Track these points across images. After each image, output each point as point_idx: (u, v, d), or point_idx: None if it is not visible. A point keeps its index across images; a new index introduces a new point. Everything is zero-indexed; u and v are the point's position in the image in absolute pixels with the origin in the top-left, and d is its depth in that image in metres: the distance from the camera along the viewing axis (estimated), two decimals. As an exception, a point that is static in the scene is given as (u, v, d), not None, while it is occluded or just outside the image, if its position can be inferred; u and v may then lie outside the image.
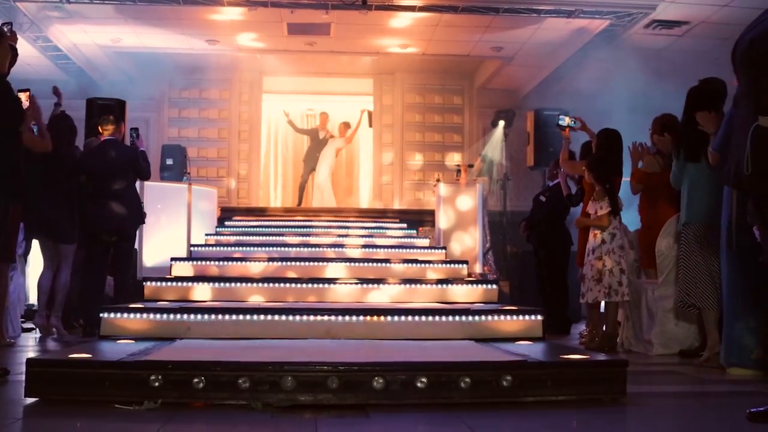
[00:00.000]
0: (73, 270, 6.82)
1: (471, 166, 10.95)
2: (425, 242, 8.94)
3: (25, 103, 4.80)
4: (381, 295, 6.30)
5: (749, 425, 2.95)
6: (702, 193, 4.94)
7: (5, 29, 4.42)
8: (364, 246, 8.17)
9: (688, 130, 4.95)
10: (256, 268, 7.07)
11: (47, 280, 6.67)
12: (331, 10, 10.02)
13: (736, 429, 2.98)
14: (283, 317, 4.87)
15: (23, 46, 10.16)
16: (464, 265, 7.46)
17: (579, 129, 7.08)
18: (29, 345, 6.09)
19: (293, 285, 6.27)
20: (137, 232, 7.17)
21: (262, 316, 4.86)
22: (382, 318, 4.91)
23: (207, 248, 8.10)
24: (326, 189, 12.40)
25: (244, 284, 6.31)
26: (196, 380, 3.21)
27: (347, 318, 4.87)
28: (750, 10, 8.52)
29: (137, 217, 6.80)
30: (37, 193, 6.27)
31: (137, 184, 7.03)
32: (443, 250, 8.18)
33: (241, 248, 7.98)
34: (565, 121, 7.13)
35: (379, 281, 6.44)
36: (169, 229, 8.67)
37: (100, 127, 6.83)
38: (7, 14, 9.64)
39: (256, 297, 6.18)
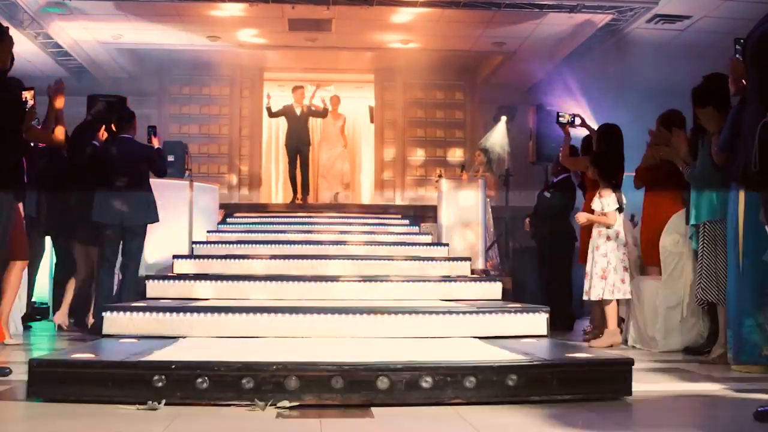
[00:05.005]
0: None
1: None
2: (427, 239, 8.91)
3: (30, 102, 4.77)
4: (384, 292, 6.28)
5: (756, 425, 2.93)
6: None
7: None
8: (367, 243, 8.14)
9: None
10: (258, 265, 7.03)
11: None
12: (332, 6, 9.99)
13: (743, 428, 2.96)
14: (287, 315, 4.85)
15: (24, 44, 10.14)
16: (467, 262, 7.44)
17: (579, 125, 7.08)
18: (30, 344, 6.09)
19: (296, 282, 6.25)
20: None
21: (265, 315, 4.84)
22: (386, 316, 4.89)
23: (209, 245, 8.06)
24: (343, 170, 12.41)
25: (246, 282, 6.28)
26: (199, 380, 3.20)
27: (351, 316, 4.86)
28: (752, 3, 8.53)
29: (145, 214, 6.75)
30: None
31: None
32: (446, 247, 8.15)
33: (243, 245, 7.93)
34: (565, 117, 7.14)
35: (382, 278, 6.42)
36: (171, 226, 8.61)
37: (113, 125, 6.86)
38: (7, 10, 9.61)
39: (258, 294, 6.15)
